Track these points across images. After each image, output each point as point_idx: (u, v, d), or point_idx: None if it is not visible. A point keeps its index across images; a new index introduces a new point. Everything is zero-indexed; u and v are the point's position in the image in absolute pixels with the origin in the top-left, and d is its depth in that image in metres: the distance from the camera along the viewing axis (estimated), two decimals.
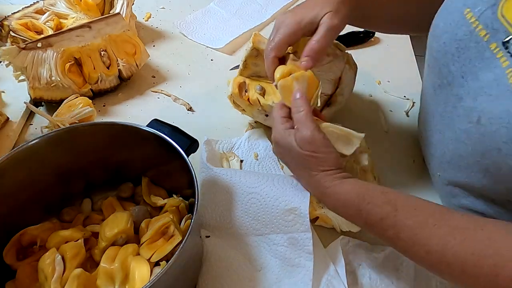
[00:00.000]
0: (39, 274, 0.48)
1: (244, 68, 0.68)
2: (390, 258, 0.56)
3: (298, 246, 0.54)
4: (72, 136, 0.54)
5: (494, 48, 0.46)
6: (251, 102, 0.66)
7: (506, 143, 0.42)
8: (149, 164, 0.58)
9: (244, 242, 0.56)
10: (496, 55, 0.45)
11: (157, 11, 1.04)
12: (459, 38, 0.50)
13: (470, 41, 0.48)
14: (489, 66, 0.46)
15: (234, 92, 0.67)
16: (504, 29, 0.45)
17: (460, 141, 0.51)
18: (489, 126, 0.44)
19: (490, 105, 0.45)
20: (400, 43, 0.95)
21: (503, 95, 0.43)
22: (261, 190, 0.56)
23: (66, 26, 0.85)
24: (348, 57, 0.69)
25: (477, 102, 0.47)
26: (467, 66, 0.49)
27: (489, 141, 0.44)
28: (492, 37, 0.46)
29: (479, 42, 0.47)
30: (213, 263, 0.53)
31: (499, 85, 0.44)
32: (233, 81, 0.68)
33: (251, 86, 0.68)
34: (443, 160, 0.56)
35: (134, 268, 0.47)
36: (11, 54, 0.71)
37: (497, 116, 0.43)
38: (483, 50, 0.47)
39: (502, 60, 0.44)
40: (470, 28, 0.48)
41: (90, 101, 0.72)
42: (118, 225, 0.51)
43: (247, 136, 0.72)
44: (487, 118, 0.45)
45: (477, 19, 0.48)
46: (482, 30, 0.47)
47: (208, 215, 0.58)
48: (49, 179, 0.55)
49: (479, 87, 0.47)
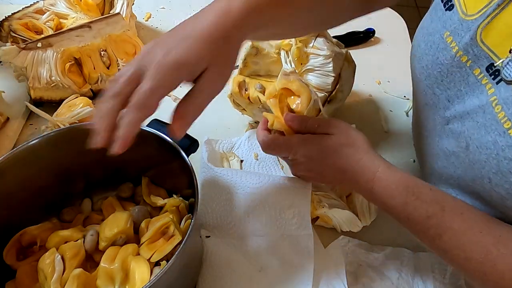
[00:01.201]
0: (39, 274, 0.48)
1: (244, 66, 0.69)
2: (390, 258, 0.56)
3: (299, 247, 0.54)
4: (72, 136, 0.54)
5: (478, 73, 0.44)
6: (251, 101, 0.67)
7: (496, 173, 0.41)
8: (149, 164, 0.58)
9: (244, 242, 0.56)
10: (481, 81, 0.43)
11: (157, 11, 1.04)
12: (441, 63, 0.47)
13: (452, 66, 0.46)
14: (475, 92, 0.44)
15: (234, 91, 0.67)
16: (486, 55, 0.43)
17: (450, 163, 0.49)
18: (478, 155, 0.43)
19: (477, 132, 0.43)
20: (400, 43, 0.95)
21: (489, 124, 0.41)
22: (262, 190, 0.56)
23: (66, 26, 0.85)
24: (347, 54, 0.69)
25: (464, 127, 0.45)
26: (452, 90, 0.47)
27: (478, 169, 0.43)
28: (475, 63, 0.44)
29: (462, 67, 0.45)
30: (213, 263, 0.53)
31: (485, 113, 0.42)
32: (233, 80, 0.68)
33: (251, 85, 0.68)
34: (434, 172, 0.55)
35: (134, 268, 0.47)
36: (11, 54, 0.71)
37: (484, 146, 0.42)
38: (466, 75, 0.45)
39: (488, 87, 0.42)
40: (451, 53, 0.46)
41: (90, 101, 0.72)
42: (118, 225, 0.51)
43: (247, 136, 0.72)
44: (475, 146, 0.43)
45: (457, 44, 0.45)
46: (463, 56, 0.45)
47: (208, 215, 0.58)
48: (49, 179, 0.55)
49: (466, 112, 0.45)
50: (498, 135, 0.40)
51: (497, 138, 0.40)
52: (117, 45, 0.80)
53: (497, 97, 0.41)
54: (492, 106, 0.41)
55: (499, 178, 0.41)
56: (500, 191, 0.41)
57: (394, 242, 0.59)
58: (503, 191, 0.41)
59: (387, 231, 0.60)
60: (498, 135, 0.40)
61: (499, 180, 0.41)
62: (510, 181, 0.40)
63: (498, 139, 0.40)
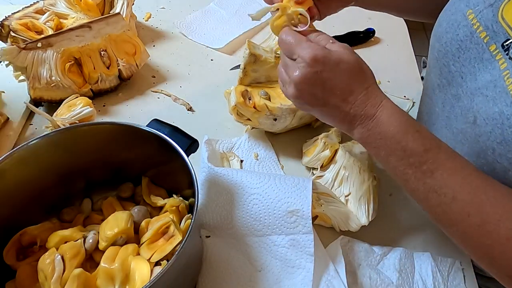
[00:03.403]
0: (39, 274, 0.48)
1: (244, 75, 0.68)
2: (390, 258, 0.56)
3: (299, 248, 0.54)
4: (72, 136, 0.54)
5: (493, 50, 0.46)
6: (258, 109, 0.66)
7: (500, 143, 0.43)
8: (149, 164, 0.58)
9: (245, 242, 0.56)
10: (495, 57, 0.46)
11: (157, 11, 1.04)
12: (460, 39, 0.50)
13: (470, 42, 0.49)
14: (487, 68, 0.47)
15: (239, 101, 0.65)
16: (504, 31, 0.45)
17: (457, 141, 0.51)
18: (484, 127, 0.45)
19: (485, 105, 0.45)
20: (400, 43, 0.95)
21: (498, 97, 0.44)
22: (263, 190, 0.56)
23: (66, 26, 0.85)
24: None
25: (473, 102, 0.47)
26: (467, 67, 0.49)
27: (484, 141, 0.45)
28: (492, 39, 0.46)
29: (479, 44, 0.48)
30: (213, 263, 0.53)
31: (495, 86, 0.44)
32: (235, 91, 0.67)
33: (254, 93, 0.67)
34: None
35: (134, 268, 0.47)
36: (11, 54, 0.71)
37: (491, 117, 0.44)
38: (482, 51, 0.47)
39: (501, 62, 0.45)
40: (471, 29, 0.49)
41: (90, 101, 0.72)
42: (118, 225, 0.51)
43: (247, 136, 0.72)
44: (482, 119, 0.45)
45: (478, 20, 0.48)
46: (483, 32, 0.47)
47: (209, 215, 0.58)
48: (49, 179, 0.55)
49: (477, 88, 0.47)
50: (506, 106, 0.42)
51: (504, 108, 0.42)
52: (117, 45, 0.80)
53: (510, 71, 0.43)
54: (503, 79, 0.43)
55: (503, 148, 0.42)
56: (503, 161, 0.43)
57: (394, 242, 0.59)
58: (506, 162, 0.43)
59: (387, 231, 0.60)
60: (506, 106, 0.42)
61: (503, 150, 0.42)
62: None
63: (504, 109, 0.42)
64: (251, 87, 0.69)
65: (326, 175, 0.65)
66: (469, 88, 0.49)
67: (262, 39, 0.78)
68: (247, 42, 0.66)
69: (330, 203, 0.58)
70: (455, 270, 0.55)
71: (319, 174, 0.65)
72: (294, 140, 0.72)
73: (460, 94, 0.51)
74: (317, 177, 0.65)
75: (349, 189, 0.62)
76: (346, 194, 0.62)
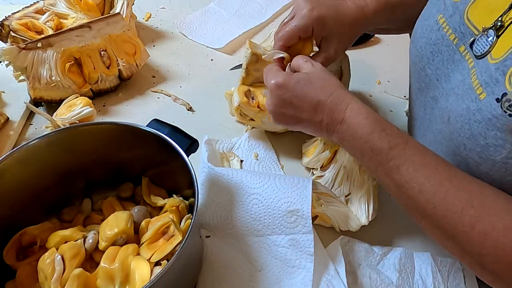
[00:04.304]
0: (39, 274, 0.48)
1: (247, 75, 0.68)
2: (390, 258, 0.56)
3: (299, 248, 0.54)
4: (72, 136, 0.54)
5: (462, 50, 0.48)
6: (261, 108, 0.66)
7: (469, 138, 0.43)
8: (149, 164, 0.58)
9: (245, 242, 0.56)
10: (464, 57, 0.47)
11: (157, 11, 1.04)
12: (433, 43, 0.52)
13: (442, 45, 0.51)
14: (459, 68, 0.48)
15: (242, 101, 0.66)
16: (470, 32, 0.47)
17: (437, 141, 0.52)
18: (455, 124, 0.46)
19: (456, 103, 0.46)
20: (400, 43, 0.95)
21: (466, 94, 0.45)
22: (263, 191, 0.56)
23: (66, 26, 0.85)
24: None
25: (448, 102, 0.49)
26: (441, 69, 0.51)
27: (456, 138, 0.46)
28: (460, 40, 0.48)
29: (450, 46, 0.50)
30: (213, 263, 0.53)
31: (464, 84, 0.46)
32: (238, 91, 0.67)
33: (257, 93, 0.67)
34: None
35: (134, 268, 0.47)
36: (11, 54, 0.71)
37: (460, 114, 0.45)
38: (453, 53, 0.49)
39: (469, 61, 0.46)
40: (442, 33, 0.50)
41: (90, 101, 0.72)
42: (118, 225, 0.51)
43: (247, 136, 0.72)
44: (454, 117, 0.46)
45: (448, 23, 0.50)
46: (452, 34, 0.49)
47: (208, 215, 0.58)
48: (49, 179, 0.55)
49: (450, 88, 0.49)
50: (471, 101, 0.43)
51: (470, 104, 0.43)
52: (117, 45, 0.80)
53: (476, 68, 0.44)
54: (470, 77, 0.45)
55: (472, 142, 0.43)
56: (474, 156, 0.44)
57: (394, 242, 0.59)
58: (476, 156, 0.43)
59: (387, 231, 0.60)
60: (471, 101, 0.43)
61: (472, 144, 0.43)
62: (481, 144, 0.42)
63: (470, 104, 0.43)
64: (254, 86, 0.69)
65: (326, 175, 0.65)
66: (444, 89, 0.51)
67: (262, 39, 0.78)
68: (248, 42, 0.66)
69: (330, 203, 0.58)
70: (455, 270, 0.55)
71: (319, 174, 0.65)
72: (294, 140, 0.72)
73: (437, 96, 0.52)
74: (317, 177, 0.65)
75: (349, 189, 0.62)
76: (346, 194, 0.62)
